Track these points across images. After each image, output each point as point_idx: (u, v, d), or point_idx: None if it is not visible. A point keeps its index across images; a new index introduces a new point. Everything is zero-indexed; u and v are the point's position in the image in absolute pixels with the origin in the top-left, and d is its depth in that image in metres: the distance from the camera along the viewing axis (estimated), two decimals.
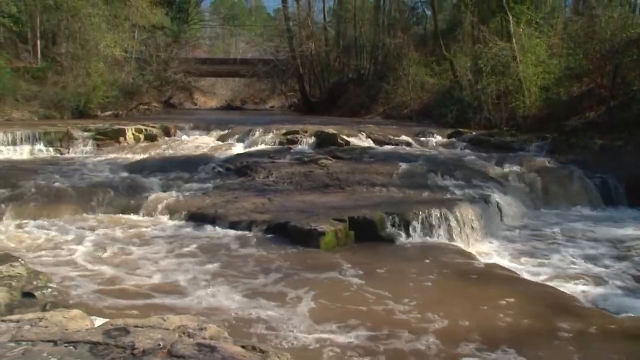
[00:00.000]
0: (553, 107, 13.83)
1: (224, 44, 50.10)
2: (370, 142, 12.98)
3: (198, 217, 7.14)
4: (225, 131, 14.26)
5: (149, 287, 4.82)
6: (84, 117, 17.87)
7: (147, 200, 7.87)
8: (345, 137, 12.53)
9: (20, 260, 4.94)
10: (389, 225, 6.59)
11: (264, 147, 12.44)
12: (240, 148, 12.47)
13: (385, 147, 12.37)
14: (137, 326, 2.79)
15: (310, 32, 29.05)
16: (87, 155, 11.66)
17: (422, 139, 13.62)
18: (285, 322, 4.10)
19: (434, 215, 6.79)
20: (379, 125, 15.98)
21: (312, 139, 12.55)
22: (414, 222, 6.65)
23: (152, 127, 13.69)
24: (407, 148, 12.47)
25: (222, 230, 6.68)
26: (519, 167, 9.99)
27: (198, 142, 13.20)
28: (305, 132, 13.04)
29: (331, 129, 13.13)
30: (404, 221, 6.63)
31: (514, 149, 11.75)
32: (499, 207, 7.90)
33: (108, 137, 12.67)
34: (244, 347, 2.67)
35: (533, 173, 9.67)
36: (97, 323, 3.05)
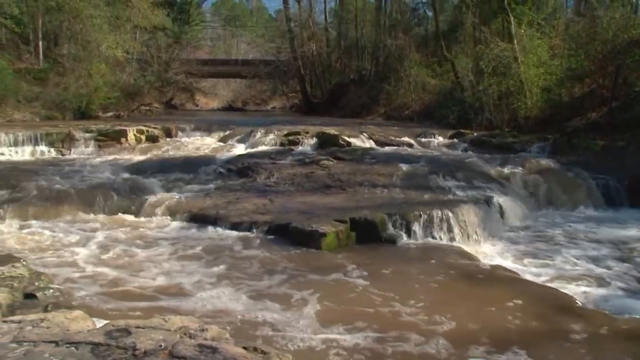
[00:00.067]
0: (555, 108, 13.81)
1: (225, 45, 50.12)
2: (371, 143, 12.97)
3: (199, 218, 7.14)
4: (226, 132, 14.27)
5: (152, 288, 4.81)
6: (86, 118, 17.90)
7: (148, 201, 7.88)
8: (347, 138, 12.53)
9: (22, 261, 4.94)
10: (390, 227, 6.59)
11: (265, 148, 12.44)
12: (241, 149, 12.48)
13: (386, 148, 12.37)
14: (138, 327, 2.79)
15: (312, 33, 29.06)
16: (88, 156, 11.67)
17: (423, 140, 13.61)
18: (291, 325, 4.08)
19: (435, 216, 6.78)
20: (381, 127, 15.96)
21: (314, 140, 12.55)
22: (416, 223, 6.64)
23: (153, 128, 13.70)
24: (408, 149, 12.47)
25: (223, 231, 6.68)
26: (521, 168, 9.97)
27: (199, 143, 13.21)
28: (307, 133, 13.04)
29: (332, 130, 13.13)
30: (406, 222, 6.63)
31: (515, 150, 11.74)
32: (500, 208, 7.89)
33: (109, 138, 12.69)
34: (245, 348, 2.67)
35: (535, 174, 9.65)
36: (99, 324, 3.05)
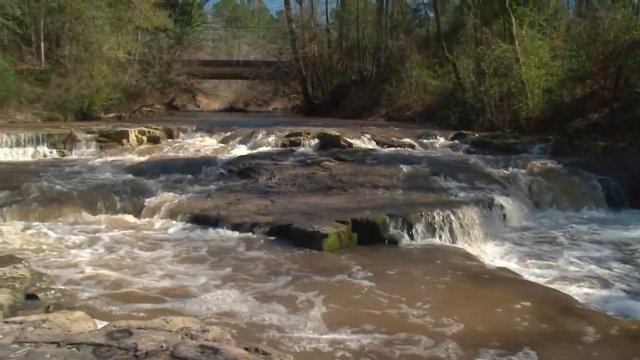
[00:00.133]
0: (556, 109, 13.79)
1: (227, 46, 50.23)
2: (373, 144, 12.98)
3: (201, 219, 7.14)
4: (228, 133, 14.28)
5: (155, 290, 4.78)
6: (87, 119, 17.95)
7: (149, 202, 7.88)
8: (348, 139, 12.53)
9: (23, 262, 4.95)
10: (391, 228, 6.57)
11: (266, 149, 12.46)
12: (243, 150, 12.49)
13: (388, 149, 12.38)
14: (140, 328, 2.79)
15: (313, 34, 29.10)
16: (90, 157, 11.69)
17: (424, 141, 13.62)
18: (298, 327, 4.04)
19: (437, 217, 6.78)
20: (382, 128, 15.96)
21: (315, 141, 12.57)
22: (417, 224, 6.63)
23: (155, 129, 13.72)
24: (409, 150, 12.47)
25: (225, 232, 6.67)
26: (522, 169, 9.97)
27: (201, 144, 13.23)
28: (308, 134, 13.05)
29: (334, 131, 13.14)
30: (407, 223, 6.61)
31: (516, 151, 11.73)
32: (502, 209, 7.88)
33: (111, 139, 12.71)
34: (247, 349, 2.67)
35: (536, 175, 9.65)
36: (101, 325, 3.05)
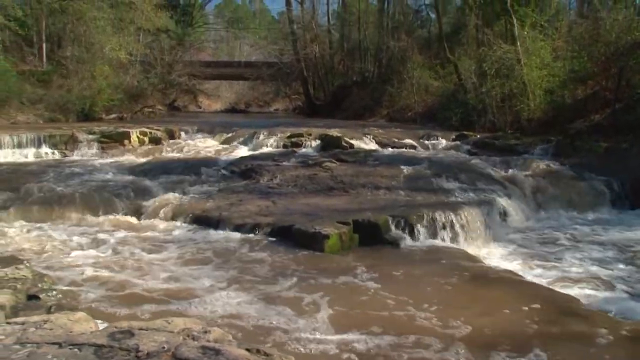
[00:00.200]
0: (558, 110, 13.79)
1: (228, 47, 50.24)
2: (374, 145, 12.99)
3: (203, 220, 7.13)
4: (229, 134, 14.30)
5: (158, 291, 4.76)
6: (89, 120, 17.98)
7: (151, 203, 7.87)
8: (350, 140, 12.54)
9: (25, 262, 4.95)
10: (393, 229, 6.56)
11: (268, 150, 12.48)
12: (244, 151, 12.50)
13: (389, 150, 12.38)
14: (141, 329, 2.79)
15: (315, 35, 29.12)
16: (91, 158, 11.71)
17: (426, 142, 13.62)
18: (304, 329, 4.01)
19: (438, 218, 6.77)
20: (383, 128, 15.97)
21: (317, 142, 12.58)
22: (419, 225, 6.62)
23: (156, 130, 13.74)
24: (411, 151, 12.47)
25: (226, 233, 6.66)
26: (524, 170, 9.95)
27: (202, 145, 13.24)
28: (310, 135, 13.06)
29: (335, 132, 13.15)
30: (409, 224, 6.60)
31: (518, 152, 11.73)
32: (503, 210, 7.88)
33: (113, 140, 12.74)
34: (248, 350, 2.67)
35: (538, 176, 9.63)
36: (102, 326, 3.05)
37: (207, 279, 5.10)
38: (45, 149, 12.07)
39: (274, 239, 6.41)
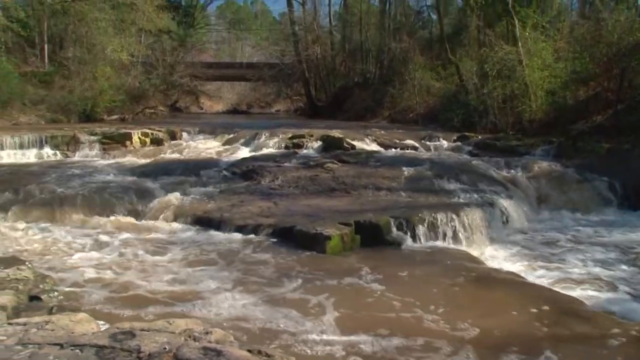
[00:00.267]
0: (559, 111, 13.77)
1: (230, 48, 50.29)
2: (376, 146, 12.97)
3: (204, 221, 7.14)
4: (231, 135, 14.29)
5: (161, 293, 4.74)
6: (91, 121, 18.01)
7: (153, 204, 7.88)
8: (351, 141, 12.53)
9: (27, 263, 4.96)
10: (394, 230, 6.56)
11: (269, 151, 12.46)
12: (246, 152, 12.50)
13: (391, 151, 12.36)
14: (143, 330, 2.79)
15: (316, 36, 29.13)
16: (93, 159, 11.72)
17: (428, 143, 13.60)
18: (311, 331, 3.98)
19: (440, 219, 6.76)
20: (385, 130, 15.96)
21: (318, 143, 12.56)
22: (420, 226, 6.62)
23: (158, 131, 13.75)
24: (413, 152, 12.45)
25: (228, 235, 6.66)
26: (525, 172, 9.93)
27: (204, 146, 13.24)
28: (311, 136, 13.06)
29: (337, 133, 13.14)
30: (410, 225, 6.60)
31: (520, 153, 11.71)
32: (505, 212, 7.86)
33: (114, 141, 12.75)
34: (250, 351, 2.67)
35: (539, 177, 9.61)
36: (104, 327, 3.05)
37: (212, 280, 5.08)
38: (47, 150, 12.09)
39: (275, 240, 6.41)
